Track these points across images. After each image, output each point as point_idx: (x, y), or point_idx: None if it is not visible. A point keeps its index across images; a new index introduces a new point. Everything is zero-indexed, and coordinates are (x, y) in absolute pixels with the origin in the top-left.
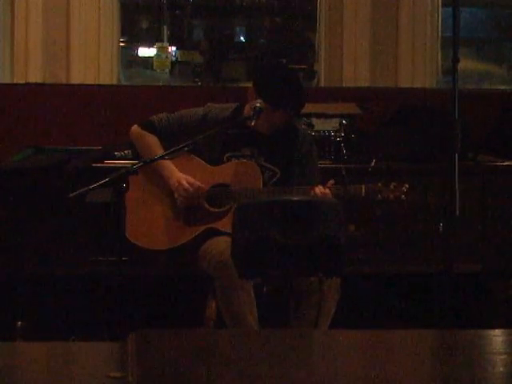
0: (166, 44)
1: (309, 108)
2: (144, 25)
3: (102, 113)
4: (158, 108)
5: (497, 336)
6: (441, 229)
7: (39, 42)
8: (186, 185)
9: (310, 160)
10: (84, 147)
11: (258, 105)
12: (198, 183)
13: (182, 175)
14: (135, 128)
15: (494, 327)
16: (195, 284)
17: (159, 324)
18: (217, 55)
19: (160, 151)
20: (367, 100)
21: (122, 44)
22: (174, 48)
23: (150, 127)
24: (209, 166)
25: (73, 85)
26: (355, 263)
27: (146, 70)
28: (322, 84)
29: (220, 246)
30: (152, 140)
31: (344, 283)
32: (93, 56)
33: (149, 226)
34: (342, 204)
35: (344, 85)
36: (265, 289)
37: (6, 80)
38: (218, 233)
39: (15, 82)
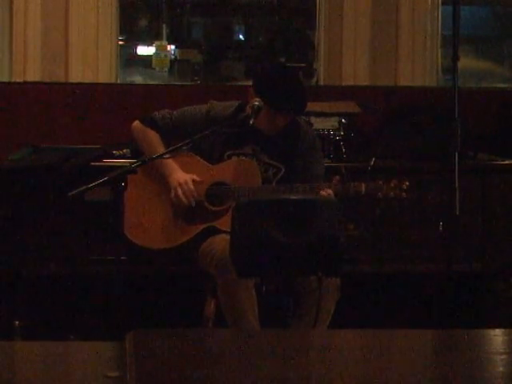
0: (165, 42)
1: (308, 106)
2: (143, 23)
3: (101, 111)
4: (156, 107)
5: (497, 336)
6: (441, 228)
7: (38, 40)
8: (185, 187)
9: (314, 154)
10: (82, 146)
11: (257, 103)
12: (194, 191)
13: (183, 175)
14: (137, 124)
15: (493, 327)
16: (194, 283)
17: (157, 323)
18: (216, 54)
19: (161, 148)
20: (367, 98)
21: (120, 42)
22: (173, 46)
23: (151, 123)
24: (208, 164)
25: (71, 83)
26: (355, 263)
27: (145, 68)
28: (322, 82)
29: (221, 244)
30: (154, 137)
31: (344, 283)
32: (92, 55)
33: (148, 224)
34: (342, 203)
35: (343, 83)
36: (264, 289)
37: (5, 78)
38: (217, 231)
39: (13, 80)
